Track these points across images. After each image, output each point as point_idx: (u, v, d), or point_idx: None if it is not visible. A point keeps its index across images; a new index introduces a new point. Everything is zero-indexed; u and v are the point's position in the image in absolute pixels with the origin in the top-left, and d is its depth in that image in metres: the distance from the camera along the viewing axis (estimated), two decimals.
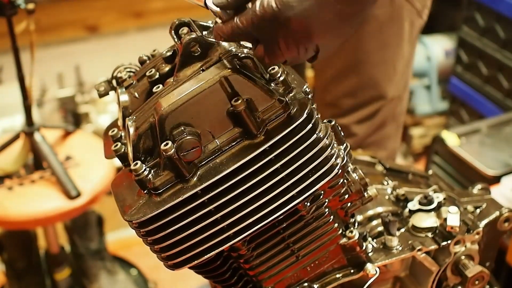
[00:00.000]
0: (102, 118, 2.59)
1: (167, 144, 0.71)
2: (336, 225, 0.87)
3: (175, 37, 0.79)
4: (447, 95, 2.80)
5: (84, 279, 1.96)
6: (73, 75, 2.71)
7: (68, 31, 2.65)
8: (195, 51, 0.76)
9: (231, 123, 0.74)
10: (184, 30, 0.79)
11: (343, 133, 0.83)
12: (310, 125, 0.74)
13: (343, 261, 0.92)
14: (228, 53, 0.75)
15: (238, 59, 0.75)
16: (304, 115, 0.73)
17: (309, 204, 0.81)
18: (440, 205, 1.00)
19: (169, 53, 0.83)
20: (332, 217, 0.86)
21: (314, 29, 0.70)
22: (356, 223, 0.92)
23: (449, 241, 0.96)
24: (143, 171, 0.73)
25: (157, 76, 0.82)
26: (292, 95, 0.76)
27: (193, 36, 0.76)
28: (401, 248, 0.95)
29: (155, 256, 0.79)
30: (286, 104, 0.74)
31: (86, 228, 1.94)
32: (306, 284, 0.91)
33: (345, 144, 0.82)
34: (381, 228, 0.98)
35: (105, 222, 1.99)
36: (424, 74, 2.79)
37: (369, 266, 0.92)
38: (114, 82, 0.89)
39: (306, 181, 0.76)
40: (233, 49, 0.76)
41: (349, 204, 0.88)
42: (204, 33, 0.80)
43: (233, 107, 0.72)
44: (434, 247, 0.96)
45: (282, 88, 0.75)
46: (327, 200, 0.84)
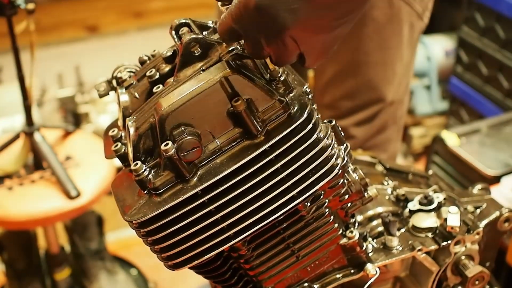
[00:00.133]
0: (102, 118, 2.60)
1: (167, 144, 0.71)
2: (336, 225, 0.87)
3: (175, 37, 0.79)
4: (447, 95, 2.80)
5: (84, 279, 1.97)
6: (73, 75, 2.71)
7: (68, 31, 2.65)
8: (195, 51, 0.76)
9: (231, 123, 0.73)
10: (184, 30, 0.79)
11: (343, 133, 0.83)
12: (311, 125, 0.73)
13: (343, 261, 0.92)
14: (229, 53, 0.75)
15: (238, 59, 0.75)
16: (305, 115, 0.73)
17: (309, 204, 0.81)
18: (440, 205, 1.00)
19: (169, 53, 0.82)
20: (332, 217, 0.86)
21: (281, 18, 0.66)
22: (356, 223, 0.92)
23: (449, 241, 0.96)
24: (143, 171, 0.73)
25: (157, 76, 0.82)
26: (293, 95, 0.75)
27: (194, 36, 0.76)
28: (401, 248, 0.95)
29: (155, 256, 0.79)
30: (286, 104, 0.74)
31: (86, 228, 1.94)
32: (306, 284, 0.91)
33: (345, 144, 0.82)
34: (381, 228, 0.98)
35: (105, 222, 1.99)
36: (424, 74, 2.79)
37: (369, 266, 0.92)
38: (114, 82, 0.89)
39: (307, 181, 0.75)
40: (233, 49, 0.76)
41: (349, 204, 0.88)
42: (204, 33, 0.80)
43: (233, 107, 0.72)
44: (434, 247, 0.96)
45: (282, 88, 0.75)
46: (327, 200, 0.83)
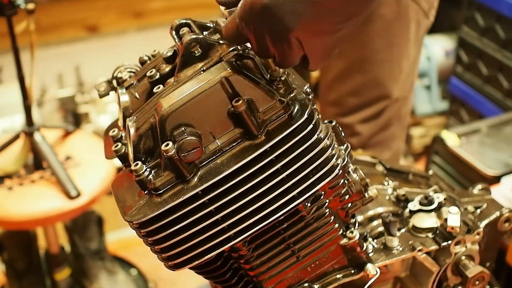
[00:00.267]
0: (102, 118, 2.59)
1: (167, 144, 0.71)
2: (336, 225, 0.87)
3: (175, 37, 0.79)
4: (447, 95, 2.80)
5: (84, 279, 1.96)
6: (73, 75, 2.71)
7: (68, 31, 2.65)
8: (196, 52, 0.76)
9: (231, 124, 0.74)
10: (185, 30, 0.79)
11: (344, 134, 0.83)
12: (311, 125, 0.74)
13: (344, 261, 0.92)
14: (229, 53, 0.75)
15: (239, 59, 0.75)
16: (305, 116, 0.73)
17: (309, 204, 0.81)
18: (440, 205, 1.00)
19: (169, 54, 0.82)
20: (332, 217, 0.86)
21: (288, 20, 0.67)
22: (357, 224, 0.92)
23: (450, 242, 0.96)
24: (144, 172, 0.73)
25: (157, 76, 0.82)
26: (293, 96, 0.75)
27: (194, 36, 0.76)
28: (401, 249, 0.95)
29: (155, 256, 0.79)
30: (287, 105, 0.74)
31: (86, 228, 1.94)
32: (306, 285, 0.91)
33: (345, 145, 0.82)
34: (381, 229, 0.98)
35: (105, 222, 1.98)
36: (424, 74, 2.78)
37: (369, 266, 0.92)
38: (115, 82, 0.89)
39: (307, 182, 0.75)
40: (234, 49, 0.76)
41: (349, 205, 0.88)
42: (204, 33, 0.79)
43: (233, 108, 0.72)
44: (434, 247, 0.96)
45: (283, 88, 0.75)
46: (327, 201, 0.84)
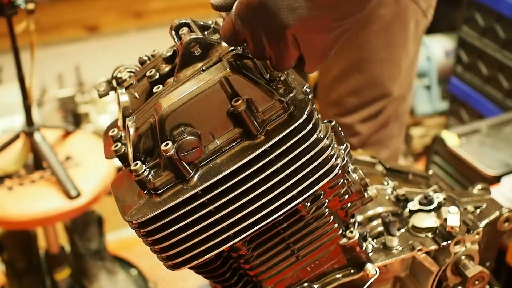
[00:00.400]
0: (102, 118, 2.59)
1: (167, 144, 0.71)
2: (336, 225, 0.87)
3: (175, 37, 0.79)
4: (447, 95, 2.80)
5: (84, 279, 1.96)
6: (73, 75, 2.71)
7: (68, 31, 2.65)
8: (195, 51, 0.76)
9: (231, 124, 0.74)
10: (184, 30, 0.79)
11: (343, 133, 0.83)
12: (310, 125, 0.73)
13: (343, 261, 0.92)
14: (229, 53, 0.75)
15: (238, 59, 0.75)
16: (304, 116, 0.73)
17: (309, 204, 0.81)
18: (440, 205, 1.00)
19: (169, 53, 0.82)
20: (332, 217, 0.86)
21: (283, 16, 0.67)
22: (356, 223, 0.92)
23: (449, 241, 0.96)
24: (143, 172, 0.73)
25: (157, 76, 0.81)
26: (293, 96, 0.75)
27: (194, 36, 0.76)
28: (401, 248, 0.95)
29: (155, 256, 0.79)
30: (286, 105, 0.74)
31: (86, 228, 1.94)
32: (306, 284, 0.91)
33: (345, 145, 0.82)
34: (381, 228, 0.98)
35: (105, 222, 1.99)
36: (424, 74, 2.78)
37: (369, 266, 0.92)
38: (114, 82, 0.89)
39: (306, 182, 0.75)
40: (233, 49, 0.76)
41: (349, 205, 0.88)
42: (204, 33, 0.79)
43: (233, 108, 0.72)
44: (434, 247, 0.96)
45: (282, 88, 0.75)
46: (327, 201, 0.84)
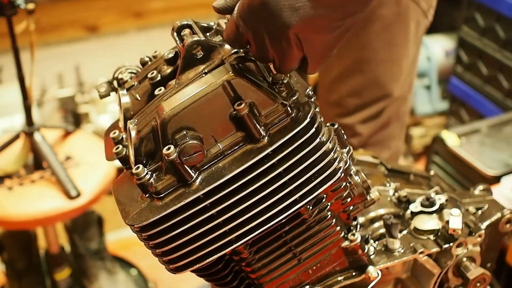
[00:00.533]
0: (102, 118, 2.59)
1: (169, 148, 0.71)
2: (338, 228, 0.86)
3: (177, 39, 0.79)
4: (447, 95, 2.80)
5: (84, 279, 1.96)
6: (73, 75, 2.70)
7: (68, 31, 2.65)
8: (197, 54, 0.76)
9: (233, 127, 0.73)
10: (186, 32, 0.78)
11: (345, 136, 0.82)
12: (313, 129, 0.73)
13: (345, 263, 0.92)
14: (231, 56, 0.75)
15: (241, 62, 0.74)
16: (307, 119, 0.73)
17: (311, 207, 0.81)
18: (442, 207, 1.00)
19: (171, 55, 0.81)
20: (334, 220, 0.85)
21: (285, 16, 0.67)
22: (358, 226, 0.92)
23: (451, 244, 0.96)
24: (145, 175, 0.73)
25: (158, 78, 0.81)
26: (295, 99, 0.75)
27: (196, 38, 0.75)
28: (403, 251, 0.95)
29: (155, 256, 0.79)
30: (289, 108, 0.73)
31: (86, 228, 1.94)
32: (308, 287, 0.91)
33: (347, 148, 0.82)
34: (383, 231, 0.97)
35: (105, 222, 1.98)
36: (424, 74, 2.78)
37: (371, 268, 0.92)
38: (115, 83, 0.89)
39: (309, 185, 0.75)
40: (236, 52, 0.76)
41: (351, 207, 0.88)
42: (206, 35, 0.79)
43: (236, 111, 0.72)
44: (436, 249, 0.96)
45: (285, 91, 0.75)
46: (329, 204, 0.83)
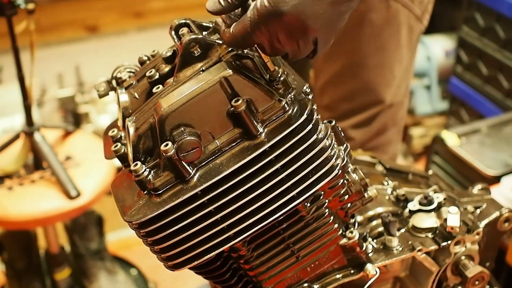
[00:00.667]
0: (102, 118, 2.59)
1: (167, 144, 0.71)
2: (336, 225, 0.87)
3: (175, 37, 0.79)
4: (447, 95, 2.80)
5: (84, 279, 1.96)
6: (73, 75, 2.71)
7: (68, 31, 2.65)
8: (195, 52, 0.76)
9: (231, 124, 0.73)
10: (184, 30, 0.79)
11: (343, 134, 0.83)
12: (311, 125, 0.73)
13: (343, 261, 0.92)
14: (228, 53, 0.75)
15: (238, 59, 0.75)
16: (305, 116, 0.73)
17: (309, 204, 0.81)
18: (440, 205, 1.00)
19: (169, 54, 0.82)
20: (332, 217, 0.86)
21: (310, 22, 0.70)
22: (356, 224, 0.92)
23: (449, 242, 0.96)
24: (143, 172, 0.73)
25: (157, 76, 0.82)
26: (293, 96, 0.75)
27: (193, 36, 0.76)
28: (401, 249, 0.95)
29: (155, 256, 0.79)
30: (286, 105, 0.74)
31: (86, 228, 1.94)
32: (306, 285, 0.91)
33: (345, 145, 0.82)
34: (381, 229, 0.98)
35: (105, 222, 1.98)
36: (424, 74, 2.78)
37: (369, 266, 0.92)
38: (114, 82, 0.89)
39: (306, 182, 0.75)
40: (233, 50, 0.76)
41: (349, 205, 0.88)
42: (204, 33, 0.79)
43: (233, 108, 0.72)
44: (434, 247, 0.96)
45: (282, 88, 0.75)
46: (327, 201, 0.84)
